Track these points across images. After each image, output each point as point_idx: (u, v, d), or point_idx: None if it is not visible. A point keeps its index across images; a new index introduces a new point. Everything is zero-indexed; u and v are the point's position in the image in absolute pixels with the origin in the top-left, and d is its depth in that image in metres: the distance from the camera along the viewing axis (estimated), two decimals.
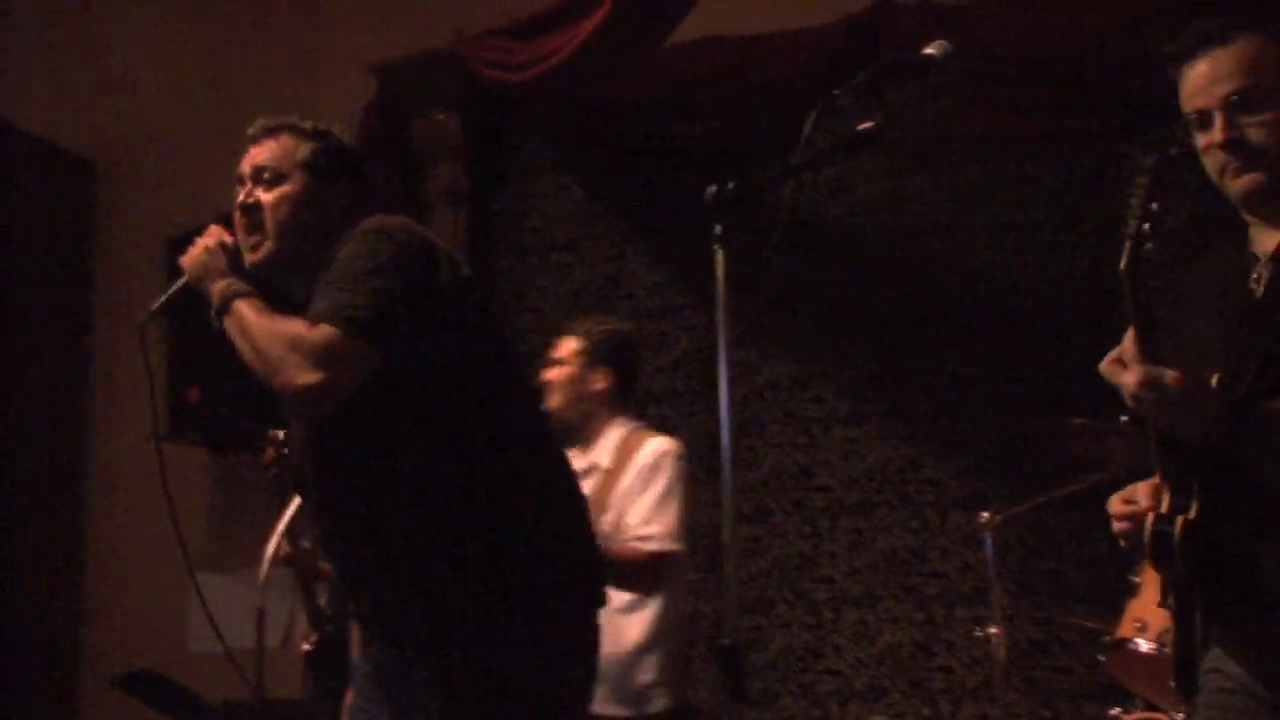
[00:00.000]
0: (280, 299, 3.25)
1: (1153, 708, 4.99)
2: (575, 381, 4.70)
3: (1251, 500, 2.57)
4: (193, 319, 6.78)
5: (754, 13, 6.45)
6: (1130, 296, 2.52)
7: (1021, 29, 6.10)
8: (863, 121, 2.87)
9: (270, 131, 3.44)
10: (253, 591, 4.35)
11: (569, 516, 3.33)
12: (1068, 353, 6.17)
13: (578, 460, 4.42)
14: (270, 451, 4.71)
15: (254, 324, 3.08)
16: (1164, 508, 2.61)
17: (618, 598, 4.07)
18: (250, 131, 3.47)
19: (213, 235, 3.31)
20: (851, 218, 6.62)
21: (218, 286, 3.20)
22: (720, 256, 2.73)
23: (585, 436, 4.77)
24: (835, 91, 2.88)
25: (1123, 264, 2.52)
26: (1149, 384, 2.44)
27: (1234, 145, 2.67)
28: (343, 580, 3.41)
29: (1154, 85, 5.89)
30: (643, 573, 4.38)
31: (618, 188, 6.96)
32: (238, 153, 7.41)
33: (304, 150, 3.40)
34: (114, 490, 7.76)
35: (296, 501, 4.53)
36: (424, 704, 3.12)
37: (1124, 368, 2.47)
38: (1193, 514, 2.55)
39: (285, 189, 3.34)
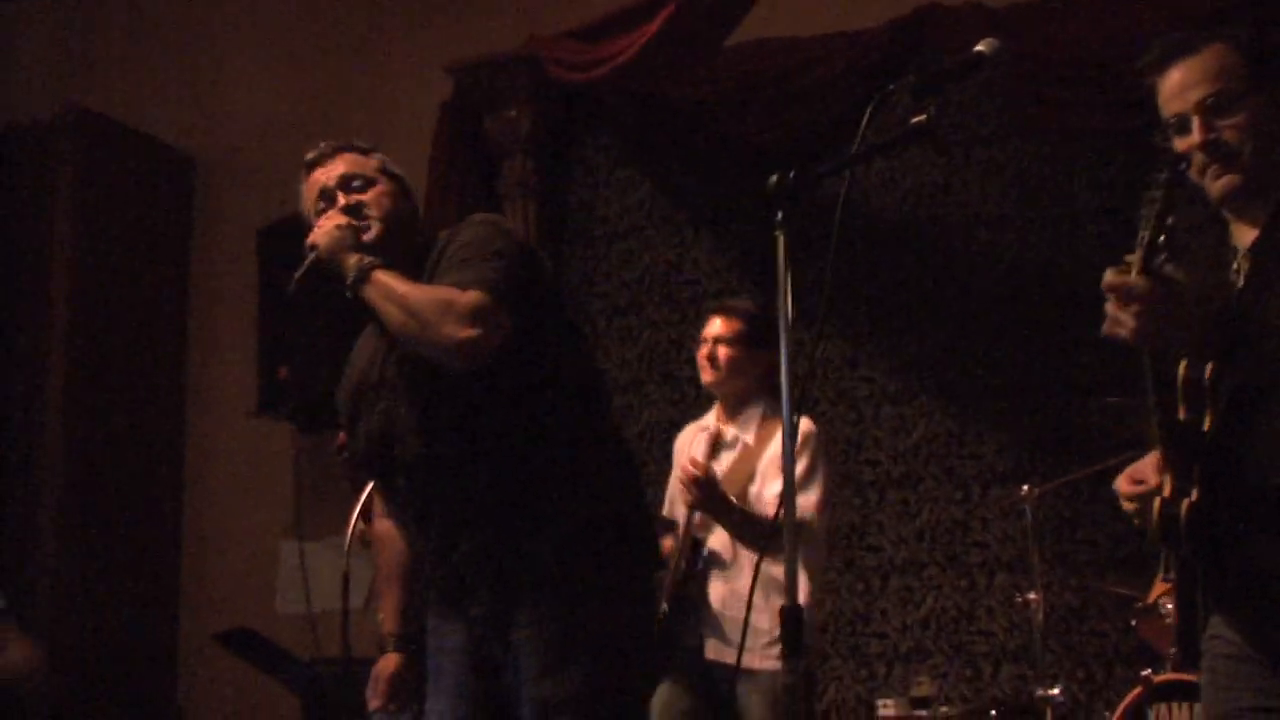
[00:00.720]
0: None
1: (1179, 668, 4.99)
2: (739, 361, 4.76)
3: (1246, 484, 2.56)
4: (281, 305, 6.89)
5: (805, 16, 6.42)
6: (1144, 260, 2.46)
7: (1066, 30, 6.07)
8: (915, 116, 2.84)
9: (336, 151, 3.51)
10: (338, 557, 4.34)
11: (634, 475, 3.50)
12: (1106, 338, 6.12)
13: (727, 428, 4.80)
14: (342, 436, 4.71)
15: (403, 289, 3.16)
16: (1167, 491, 2.61)
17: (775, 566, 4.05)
18: (312, 156, 3.52)
19: (338, 217, 3.33)
20: (903, 207, 6.59)
21: (351, 260, 3.24)
22: (781, 241, 2.70)
23: (731, 409, 4.85)
24: (891, 86, 2.85)
25: (1134, 273, 2.45)
26: (1153, 291, 2.41)
27: (1212, 146, 2.64)
28: (440, 538, 3.35)
29: None
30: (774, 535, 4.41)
31: (679, 180, 6.94)
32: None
33: (373, 161, 3.51)
34: (209, 463, 7.82)
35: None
36: (547, 639, 3.20)
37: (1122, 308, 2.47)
38: (1194, 496, 2.55)
39: (380, 188, 3.42)
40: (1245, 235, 2.72)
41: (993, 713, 5.55)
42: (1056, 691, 5.31)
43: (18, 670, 5.65)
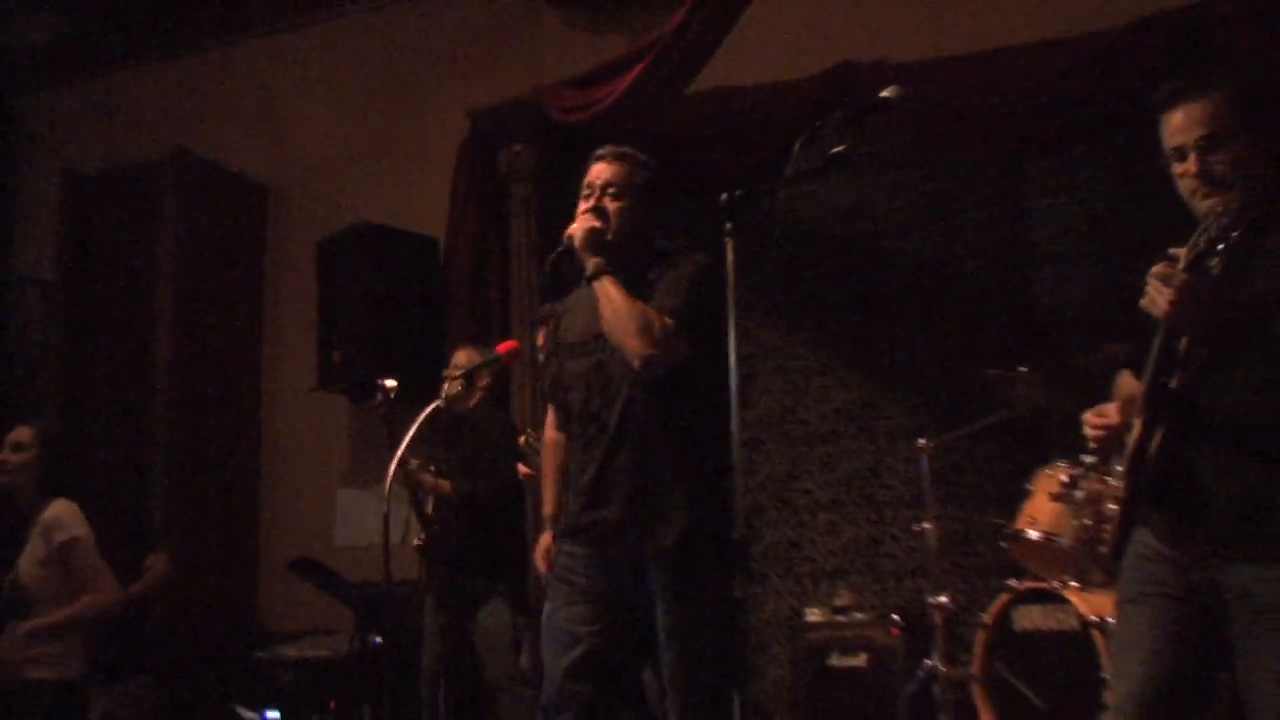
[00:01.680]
0: None
1: (1038, 578, 5.05)
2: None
3: (1199, 428, 2.63)
4: (335, 300, 6.88)
5: (752, 68, 6.41)
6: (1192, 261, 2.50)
7: (956, 81, 6.06)
8: (836, 146, 2.86)
9: (619, 157, 3.57)
10: (380, 502, 4.33)
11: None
12: (988, 322, 6.16)
13: None
14: (379, 397, 4.70)
15: (621, 300, 3.28)
16: (1137, 433, 2.67)
17: None
18: (602, 152, 3.59)
19: (589, 219, 3.45)
20: (829, 219, 6.56)
21: (593, 261, 3.37)
22: (730, 246, 2.71)
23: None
24: (817, 123, 2.87)
25: (1182, 264, 2.51)
26: (1182, 289, 2.46)
27: (1204, 175, 2.71)
28: (605, 453, 3.41)
29: (1054, 126, 5.96)
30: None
31: (655, 201, 6.91)
32: (370, 176, 7.53)
33: (638, 177, 3.55)
34: (280, 428, 7.83)
35: (408, 434, 4.53)
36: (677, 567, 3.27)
37: (1166, 284, 2.50)
38: (1159, 437, 2.63)
39: (624, 203, 3.49)
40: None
41: (896, 616, 5.60)
42: (945, 599, 5.36)
43: (160, 582, 5.77)
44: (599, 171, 3.54)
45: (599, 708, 3.34)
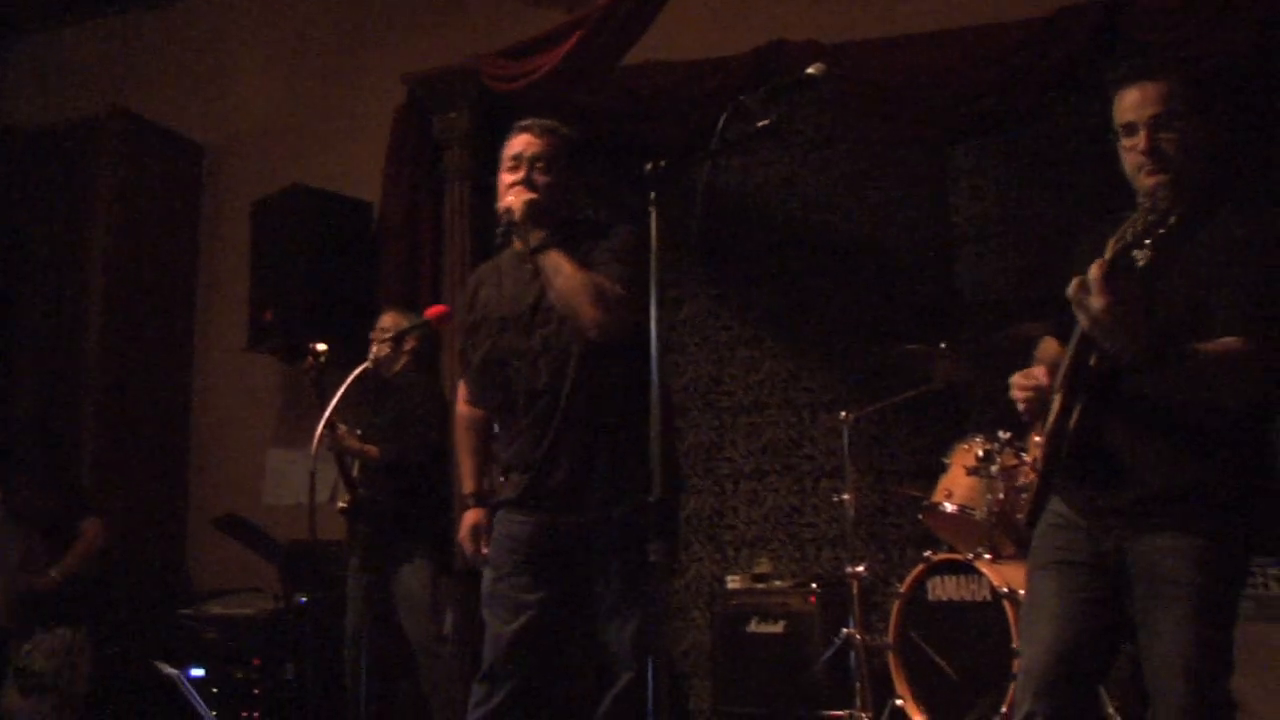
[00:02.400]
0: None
1: (953, 550, 5.08)
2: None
3: (1115, 408, 2.66)
4: (267, 261, 6.79)
5: (684, 44, 6.36)
6: (1112, 261, 2.43)
7: (881, 62, 6.07)
8: (761, 121, 2.82)
9: (546, 130, 3.50)
10: (309, 461, 4.27)
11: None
12: (910, 298, 6.17)
13: None
14: (309, 359, 4.65)
15: (572, 270, 3.26)
16: (1056, 408, 2.69)
17: None
18: (526, 123, 3.52)
19: (523, 191, 3.38)
20: (757, 194, 6.54)
21: (538, 234, 3.32)
22: (654, 216, 2.66)
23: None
24: (741, 98, 2.82)
25: (1107, 254, 2.44)
26: (1112, 303, 2.40)
27: (1153, 151, 2.72)
28: (537, 423, 3.39)
29: (977, 110, 5.98)
30: None
31: (588, 172, 6.81)
32: (306, 138, 7.42)
33: (563, 149, 3.50)
34: (212, 387, 7.70)
35: (335, 396, 4.46)
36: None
37: (1089, 294, 2.43)
38: (1078, 413, 2.65)
39: (551, 177, 3.43)
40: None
41: (814, 585, 5.60)
42: (862, 569, 5.37)
43: (94, 549, 5.86)
44: (526, 143, 3.46)
45: (542, 676, 3.35)
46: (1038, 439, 2.83)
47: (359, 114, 7.27)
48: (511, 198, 3.36)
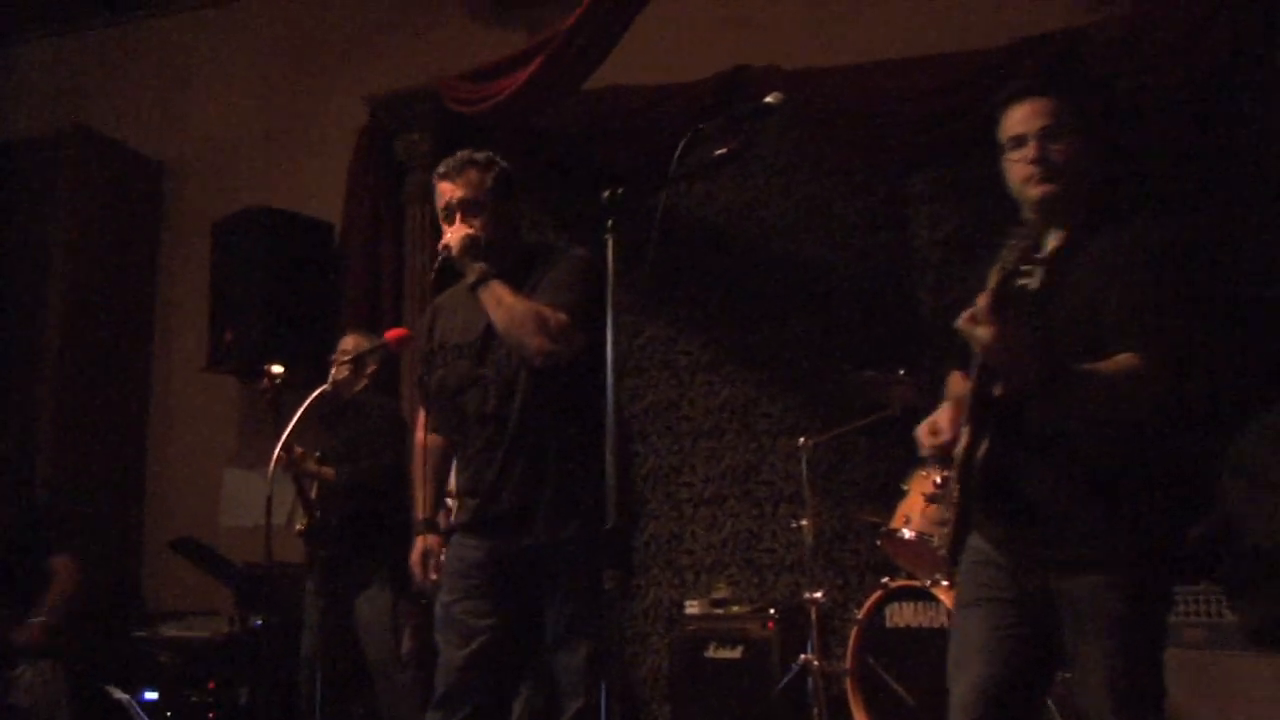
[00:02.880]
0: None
1: (911, 577, 5.09)
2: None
3: (1023, 441, 2.63)
4: (228, 281, 6.73)
5: (650, 69, 6.37)
6: (996, 289, 2.44)
7: (841, 90, 6.09)
8: (720, 148, 2.81)
9: (461, 169, 3.48)
10: (267, 483, 4.24)
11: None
12: (869, 325, 6.18)
13: None
14: (266, 381, 4.61)
15: (511, 300, 3.28)
16: (965, 441, 2.66)
17: None
18: (442, 170, 3.49)
19: (465, 229, 3.39)
20: (718, 219, 6.54)
21: (475, 266, 3.35)
22: (610, 243, 2.64)
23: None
24: (700, 125, 2.81)
25: (991, 284, 2.45)
26: (999, 333, 2.40)
27: (1042, 161, 2.73)
28: (486, 449, 3.40)
29: (936, 137, 6.02)
30: None
31: (549, 195, 6.82)
32: (268, 158, 7.36)
33: (489, 180, 3.47)
34: (170, 407, 7.62)
35: (293, 418, 4.43)
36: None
37: (978, 324, 2.41)
38: (985, 448, 2.62)
39: (483, 216, 3.42)
40: (1049, 243, 2.77)
41: (772, 610, 5.59)
42: (820, 594, 5.37)
43: (72, 594, 5.39)
44: (446, 191, 3.47)
45: (496, 699, 3.36)
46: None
47: (321, 134, 7.23)
48: (449, 235, 3.40)
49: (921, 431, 2.83)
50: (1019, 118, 2.78)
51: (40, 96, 8.10)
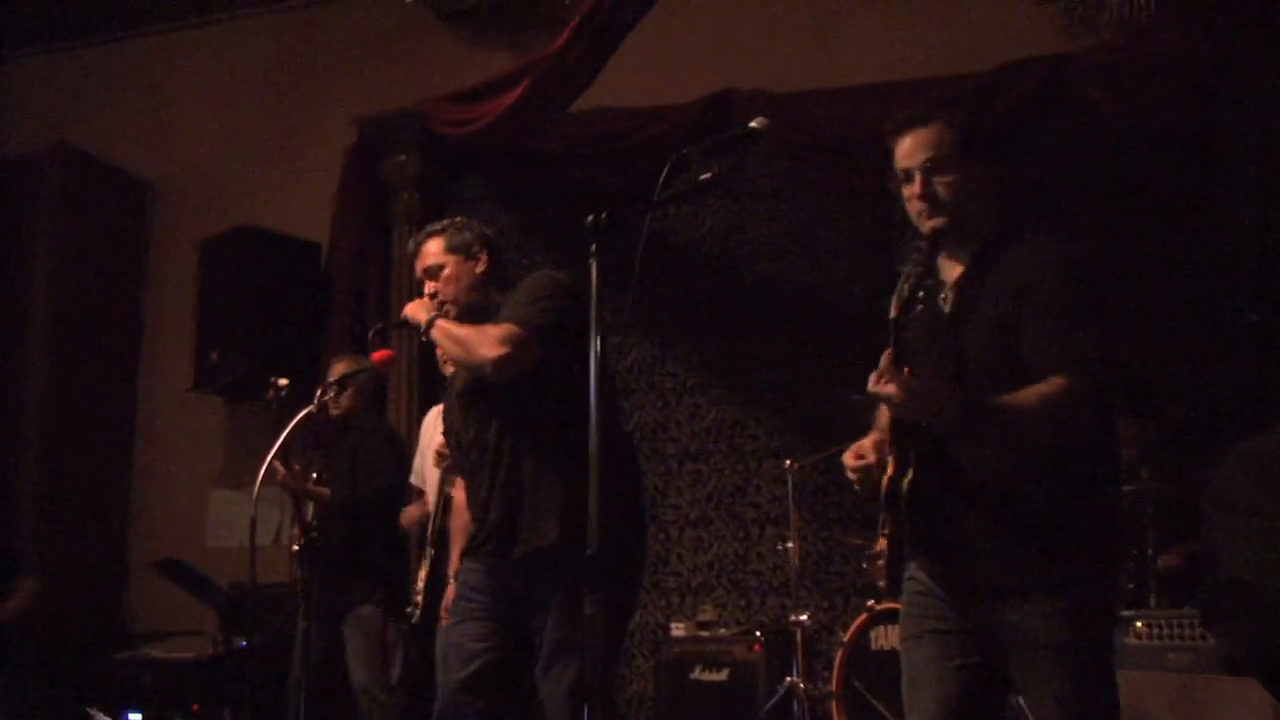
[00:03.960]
0: None
1: (895, 599, 5.06)
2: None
3: (948, 469, 2.60)
4: (214, 301, 6.73)
5: (637, 92, 6.40)
6: (894, 333, 2.49)
7: (826, 114, 6.13)
8: (704, 173, 2.82)
9: (425, 239, 3.59)
10: (252, 504, 4.24)
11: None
12: (855, 346, 6.17)
13: None
14: (270, 392, 4.65)
15: (454, 328, 3.38)
16: (890, 469, 2.59)
17: None
18: (412, 250, 3.63)
19: (426, 301, 3.50)
20: (704, 242, 6.57)
21: (425, 317, 3.42)
22: (594, 267, 2.66)
23: None
24: (685, 150, 2.83)
25: (893, 313, 2.49)
26: (906, 388, 2.40)
27: (927, 197, 2.70)
28: (480, 483, 3.45)
29: None
30: None
31: (534, 216, 6.83)
32: (255, 178, 7.37)
33: (442, 242, 3.56)
34: (156, 427, 7.62)
35: (279, 439, 4.44)
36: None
37: (884, 381, 2.42)
38: (910, 476, 2.55)
39: (448, 271, 3.52)
40: (952, 271, 2.75)
41: (758, 633, 5.59)
42: (806, 617, 5.38)
43: (30, 606, 5.75)
44: (421, 258, 3.58)
45: None
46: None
47: (308, 155, 7.24)
48: (409, 308, 3.50)
49: (847, 457, 2.77)
50: (904, 151, 2.76)
51: (26, 115, 8.09)
